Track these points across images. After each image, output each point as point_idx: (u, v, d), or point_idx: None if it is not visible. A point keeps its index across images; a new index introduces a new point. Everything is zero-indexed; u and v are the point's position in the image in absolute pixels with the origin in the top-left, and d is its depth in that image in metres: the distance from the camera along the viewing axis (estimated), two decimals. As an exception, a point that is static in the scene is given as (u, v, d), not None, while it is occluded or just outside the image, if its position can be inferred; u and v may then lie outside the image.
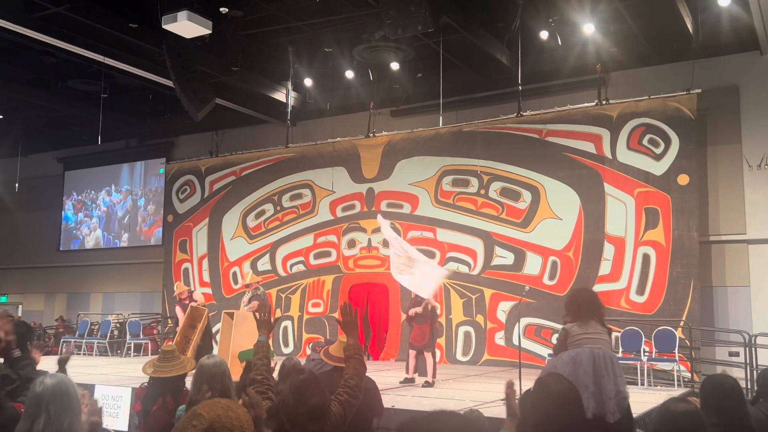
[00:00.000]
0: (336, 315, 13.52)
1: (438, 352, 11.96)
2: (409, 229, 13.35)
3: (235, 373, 4.44)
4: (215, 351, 9.90)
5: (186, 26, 9.87)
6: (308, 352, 13.66)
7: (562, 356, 4.39)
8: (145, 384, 4.57)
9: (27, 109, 16.46)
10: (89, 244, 18.58)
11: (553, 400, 2.75)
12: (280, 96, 14.17)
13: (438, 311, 9.74)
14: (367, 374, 4.06)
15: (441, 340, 12.43)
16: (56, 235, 19.28)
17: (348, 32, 12.19)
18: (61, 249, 19.15)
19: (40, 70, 14.28)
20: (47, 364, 4.63)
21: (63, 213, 19.15)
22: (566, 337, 4.50)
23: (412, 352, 9.43)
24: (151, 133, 17.74)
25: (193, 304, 10.07)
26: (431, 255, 13.03)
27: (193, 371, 3.90)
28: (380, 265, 13.55)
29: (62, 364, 4.60)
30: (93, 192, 18.75)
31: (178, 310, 10.91)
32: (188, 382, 4.28)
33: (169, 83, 12.16)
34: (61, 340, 15.34)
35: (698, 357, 10.54)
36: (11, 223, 19.87)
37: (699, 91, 11.14)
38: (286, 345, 14.05)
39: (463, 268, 12.64)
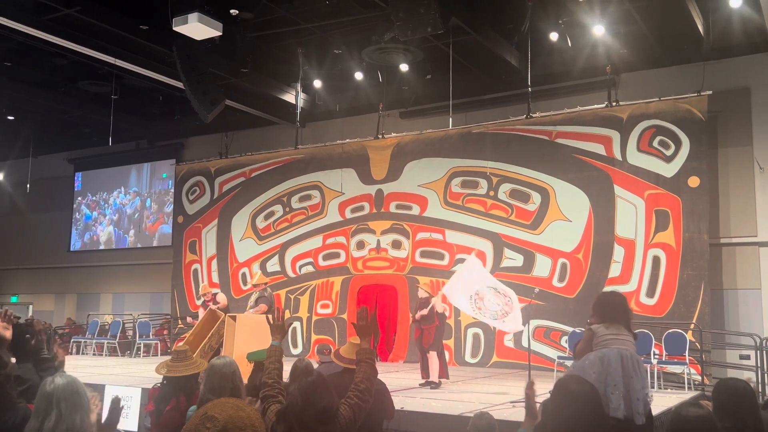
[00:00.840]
0: (345, 316, 13.57)
1: (447, 353, 11.99)
2: (418, 230, 13.35)
3: (243, 375, 4.45)
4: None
5: (196, 28, 9.91)
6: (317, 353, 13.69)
7: (589, 356, 4.35)
8: (158, 384, 4.59)
9: (38, 111, 16.57)
10: (103, 238, 18.71)
11: (579, 402, 2.73)
12: (289, 97, 14.20)
13: (447, 314, 9.73)
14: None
15: (450, 342, 12.43)
16: (67, 236, 19.39)
17: (357, 34, 12.21)
18: (75, 248, 19.25)
19: (51, 71, 14.36)
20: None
21: (82, 213, 19.26)
22: (592, 337, 4.44)
23: (423, 354, 9.45)
24: (161, 134, 17.82)
25: (213, 306, 10.10)
26: (440, 257, 13.06)
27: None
28: (389, 266, 13.56)
29: (59, 367, 4.61)
30: (105, 193, 18.90)
31: (200, 311, 10.93)
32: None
33: (179, 85, 12.21)
34: (71, 340, 15.42)
35: (709, 360, 10.48)
36: (22, 224, 20.00)
37: (710, 92, 11.09)
38: (295, 346, 14.07)
39: (472, 270, 12.60)
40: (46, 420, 2.63)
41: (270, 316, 3.66)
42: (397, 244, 13.55)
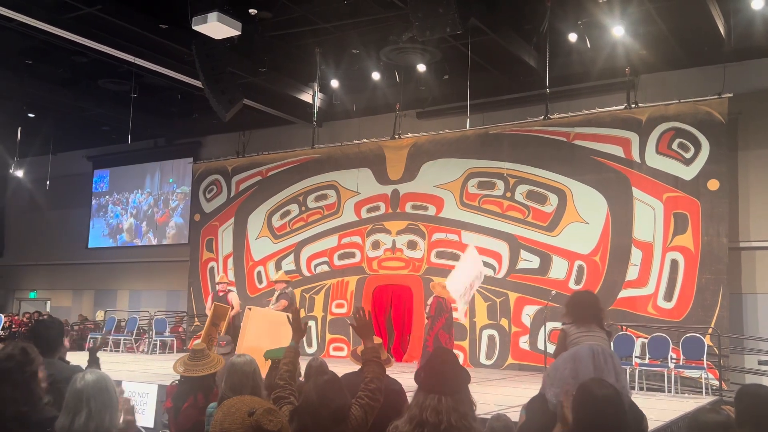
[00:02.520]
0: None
1: (461, 355, 11.97)
2: (434, 231, 13.33)
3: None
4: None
5: (216, 27, 9.96)
6: (332, 352, 13.73)
7: (563, 355, 4.41)
8: (176, 382, 4.62)
9: (58, 108, 16.73)
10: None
11: (601, 405, 2.72)
12: (306, 97, 14.24)
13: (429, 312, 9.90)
14: (391, 376, 4.07)
15: (464, 343, 12.41)
16: (85, 233, 19.57)
17: (375, 34, 12.21)
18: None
19: (72, 69, 14.50)
20: (78, 358, 4.69)
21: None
22: (565, 337, 4.52)
23: None
24: (179, 132, 17.94)
25: (210, 304, 10.27)
26: (456, 257, 13.01)
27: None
28: (404, 266, 13.55)
29: (93, 352, 4.66)
30: (127, 192, 19.12)
31: (209, 300, 11.16)
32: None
33: (198, 83, 12.28)
34: (89, 336, 15.55)
35: (727, 365, 10.38)
36: (41, 220, 20.21)
37: (730, 94, 10.98)
38: (310, 345, 14.09)
39: (488, 272, 12.57)
40: (76, 417, 2.65)
41: (290, 315, 3.65)
42: (412, 245, 13.54)
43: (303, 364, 4.42)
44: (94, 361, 4.43)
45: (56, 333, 4.00)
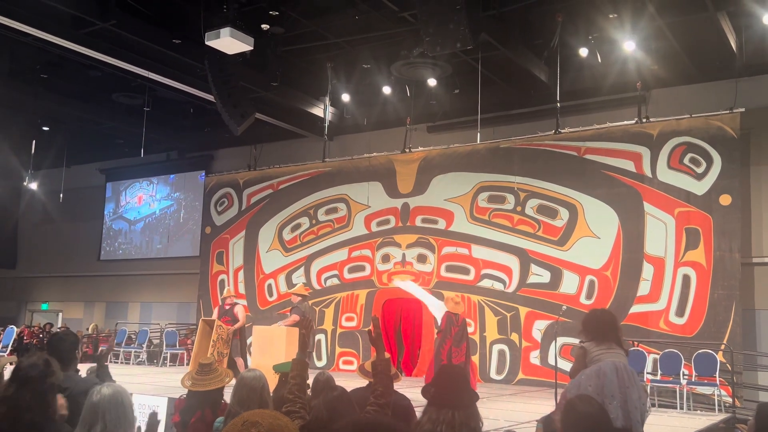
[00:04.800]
0: (369, 329, 13.54)
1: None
2: (444, 245, 13.31)
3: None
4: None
5: (229, 42, 10.05)
6: (341, 366, 13.70)
7: (585, 371, 4.41)
8: (184, 396, 4.62)
9: (72, 121, 16.92)
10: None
11: (587, 422, 2.72)
12: (317, 111, 14.31)
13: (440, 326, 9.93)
14: (401, 391, 4.07)
15: (475, 358, 12.33)
16: (97, 245, 19.68)
17: (386, 49, 12.29)
18: (103, 258, 19.55)
19: (86, 83, 14.66)
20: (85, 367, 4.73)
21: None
22: (585, 355, 4.53)
23: None
24: (191, 146, 18.07)
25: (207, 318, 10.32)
26: (466, 271, 13.00)
27: (232, 383, 3.95)
28: (414, 280, 13.51)
29: (101, 360, 4.68)
30: (138, 205, 19.28)
31: (215, 312, 11.19)
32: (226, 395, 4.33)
33: (210, 97, 12.38)
34: (99, 348, 15.61)
35: (740, 382, 10.27)
36: (54, 233, 20.36)
37: (742, 110, 10.94)
38: (320, 359, 14.08)
39: (498, 286, 12.54)
40: (92, 431, 2.68)
41: (302, 330, 3.63)
42: (422, 258, 13.52)
43: (311, 379, 4.42)
44: (103, 370, 4.46)
45: (70, 345, 4.03)
